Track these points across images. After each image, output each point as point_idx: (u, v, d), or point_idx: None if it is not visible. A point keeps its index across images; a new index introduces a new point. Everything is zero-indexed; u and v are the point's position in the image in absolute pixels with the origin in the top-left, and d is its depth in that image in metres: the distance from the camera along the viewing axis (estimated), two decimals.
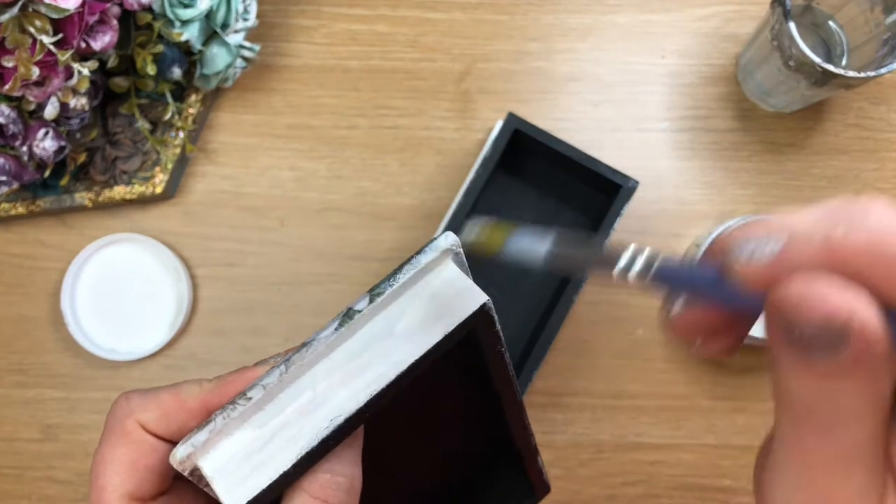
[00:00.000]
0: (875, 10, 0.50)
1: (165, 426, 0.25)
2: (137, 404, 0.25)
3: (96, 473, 0.24)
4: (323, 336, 0.23)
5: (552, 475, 0.54)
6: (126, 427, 0.25)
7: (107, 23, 0.48)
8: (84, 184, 0.56)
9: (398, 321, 0.24)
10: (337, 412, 0.22)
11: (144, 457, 0.24)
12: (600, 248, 0.20)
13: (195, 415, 0.25)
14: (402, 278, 0.24)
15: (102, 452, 0.25)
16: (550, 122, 0.57)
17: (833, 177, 0.57)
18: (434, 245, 0.24)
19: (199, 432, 0.22)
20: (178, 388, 0.25)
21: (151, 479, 0.25)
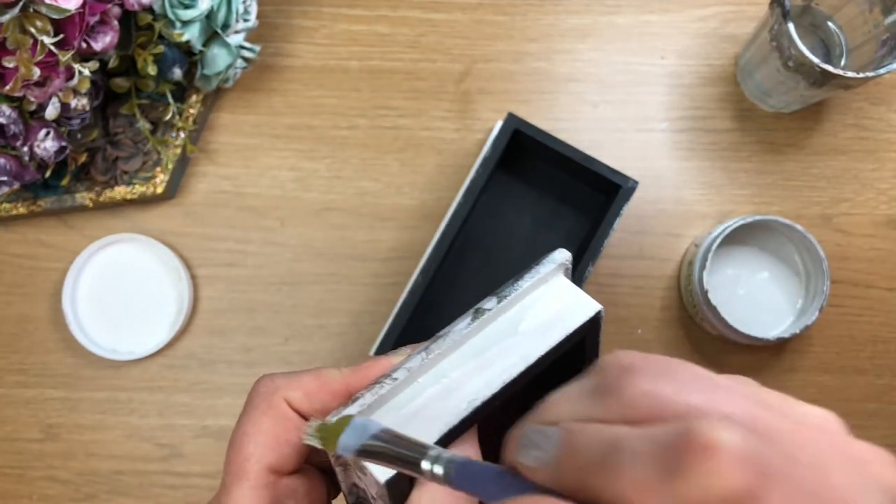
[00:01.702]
0: (874, 11, 0.50)
1: (308, 405, 0.26)
2: (283, 383, 0.26)
3: (239, 444, 0.25)
4: (457, 329, 0.26)
5: None
6: (273, 402, 0.26)
7: (107, 23, 0.48)
8: (85, 184, 0.56)
9: (521, 321, 0.27)
10: (473, 396, 0.25)
11: (287, 432, 0.26)
12: (408, 446, 0.21)
13: (336, 396, 0.26)
14: (525, 284, 0.27)
15: (246, 425, 0.26)
16: (550, 122, 0.57)
17: (832, 177, 0.57)
18: (551, 258, 0.28)
19: (348, 407, 0.24)
20: (318, 371, 0.27)
21: (291, 454, 0.26)
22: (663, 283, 0.56)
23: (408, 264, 0.56)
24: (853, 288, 0.56)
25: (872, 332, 0.55)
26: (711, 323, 0.51)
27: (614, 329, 0.55)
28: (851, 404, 0.55)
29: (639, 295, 0.56)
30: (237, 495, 0.25)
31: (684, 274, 0.54)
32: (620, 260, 0.56)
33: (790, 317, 0.54)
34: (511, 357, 0.26)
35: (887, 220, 0.56)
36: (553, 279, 0.28)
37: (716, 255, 0.52)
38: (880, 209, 0.56)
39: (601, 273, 0.56)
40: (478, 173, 0.50)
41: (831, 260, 0.53)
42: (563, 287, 0.28)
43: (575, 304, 0.27)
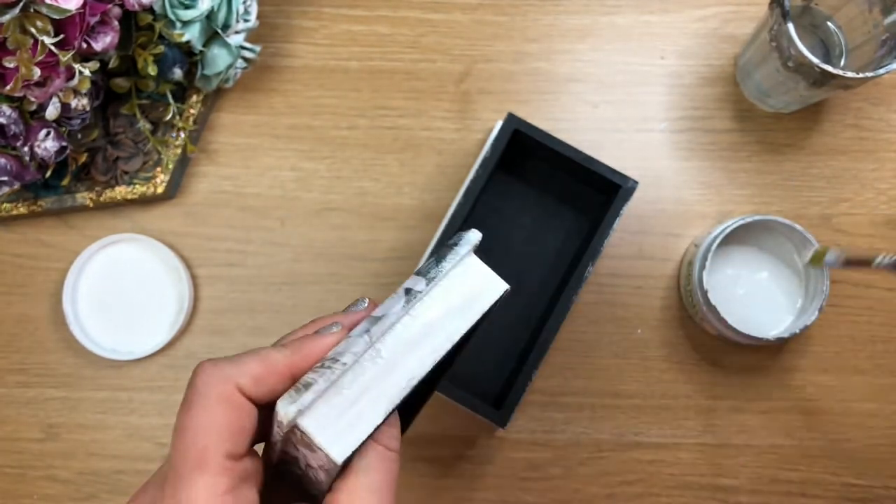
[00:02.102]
0: (874, 11, 0.50)
1: (258, 390, 0.27)
2: (232, 371, 0.27)
3: (194, 435, 0.26)
4: (393, 312, 0.28)
5: (552, 474, 0.55)
6: (223, 391, 0.26)
7: (108, 23, 0.48)
8: (85, 184, 0.56)
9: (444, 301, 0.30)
10: (411, 375, 0.28)
11: (241, 420, 0.26)
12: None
13: (282, 378, 0.27)
14: (447, 266, 0.30)
15: (199, 415, 0.26)
16: (550, 122, 0.57)
17: (832, 177, 0.57)
18: (467, 239, 0.31)
19: (304, 393, 0.26)
20: (262, 355, 0.28)
21: (245, 439, 0.27)
22: (663, 283, 0.56)
23: (408, 264, 0.56)
24: (853, 288, 0.56)
25: (872, 332, 0.55)
26: (711, 323, 0.51)
27: (614, 329, 0.55)
28: (851, 404, 0.55)
29: (639, 295, 0.56)
30: (199, 485, 0.25)
31: (684, 274, 0.54)
32: (620, 260, 0.56)
33: (790, 317, 0.54)
34: (438, 336, 0.29)
35: (887, 220, 0.56)
36: (468, 259, 0.31)
37: (716, 255, 0.52)
38: (880, 209, 0.56)
39: (601, 273, 0.56)
40: (478, 173, 0.50)
41: None
42: (477, 267, 0.31)
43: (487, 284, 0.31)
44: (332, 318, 0.31)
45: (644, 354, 0.55)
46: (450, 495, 0.55)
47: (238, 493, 0.26)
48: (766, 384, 0.55)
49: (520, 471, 0.55)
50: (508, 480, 0.55)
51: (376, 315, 0.28)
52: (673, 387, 0.55)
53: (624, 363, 0.55)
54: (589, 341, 0.56)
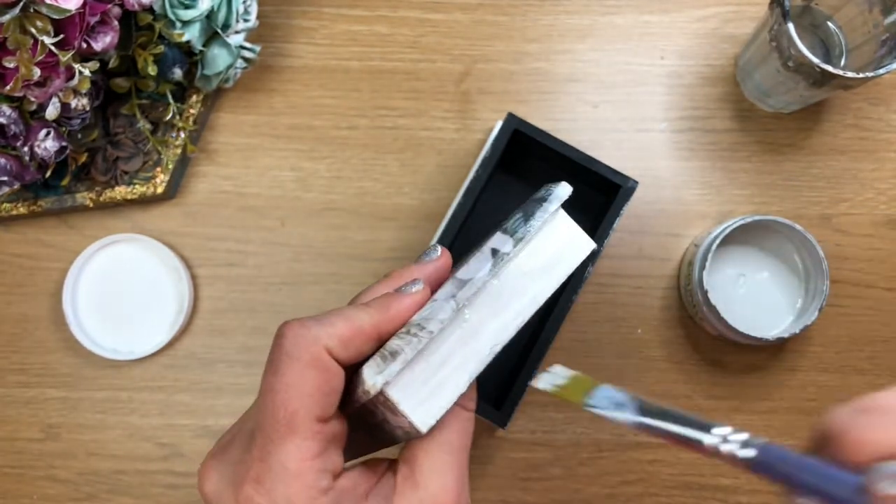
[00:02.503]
0: (874, 11, 0.50)
1: (346, 352, 0.27)
2: (321, 332, 0.26)
3: (285, 399, 0.25)
4: (480, 277, 0.27)
5: (552, 474, 0.54)
6: (314, 353, 0.26)
7: (108, 23, 0.48)
8: (85, 184, 0.56)
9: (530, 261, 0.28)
10: (494, 341, 0.27)
11: (329, 382, 0.26)
12: (687, 421, 0.22)
13: (368, 339, 0.27)
14: (536, 223, 0.28)
15: (289, 376, 0.26)
16: (550, 122, 0.57)
17: (832, 177, 0.57)
18: (556, 195, 0.29)
19: (391, 363, 0.25)
20: (349, 316, 0.27)
21: (334, 401, 0.27)
22: (663, 283, 0.56)
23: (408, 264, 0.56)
24: (853, 288, 0.56)
25: (872, 332, 0.55)
26: (711, 323, 0.51)
27: (614, 329, 0.55)
28: None
29: (639, 295, 0.56)
30: (290, 449, 0.25)
31: (684, 274, 0.54)
32: (620, 260, 0.56)
33: (790, 317, 0.54)
34: (523, 298, 0.28)
35: (887, 220, 0.56)
36: (557, 216, 0.29)
37: (716, 255, 0.52)
38: (880, 209, 0.56)
39: (601, 273, 0.56)
40: (478, 173, 0.50)
41: (831, 260, 0.53)
42: (565, 224, 0.30)
43: (575, 242, 0.29)
44: (409, 272, 0.30)
45: (644, 354, 0.55)
46: None
47: (326, 455, 0.26)
48: (766, 384, 0.55)
49: (520, 471, 0.55)
50: (508, 480, 0.55)
51: (461, 277, 0.28)
52: (673, 387, 0.55)
53: (624, 363, 0.55)
54: (589, 341, 0.55)
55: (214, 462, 0.27)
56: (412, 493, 0.27)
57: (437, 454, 0.27)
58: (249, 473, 0.25)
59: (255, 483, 0.25)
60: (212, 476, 0.27)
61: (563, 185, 0.29)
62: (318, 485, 0.25)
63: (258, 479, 0.25)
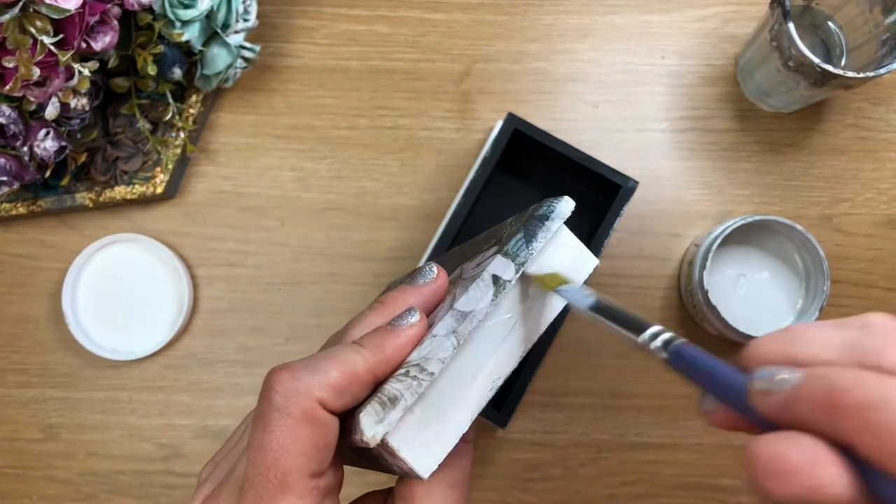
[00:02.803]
0: (874, 11, 0.50)
1: (340, 401, 0.25)
2: (312, 382, 0.25)
3: (276, 458, 0.24)
4: (481, 308, 0.25)
5: (552, 475, 0.54)
6: (306, 408, 0.24)
7: (107, 23, 0.48)
8: (85, 184, 0.56)
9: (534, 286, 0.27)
10: (496, 375, 0.26)
11: (324, 437, 0.25)
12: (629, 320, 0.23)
13: (364, 385, 0.25)
14: (538, 246, 0.26)
15: (278, 435, 0.24)
16: (550, 122, 0.57)
17: (832, 177, 0.57)
18: (559, 212, 0.27)
19: (391, 411, 0.24)
20: (342, 360, 0.25)
21: (327, 455, 0.25)
22: (663, 283, 0.56)
23: (408, 264, 0.56)
24: (853, 288, 0.56)
25: None
26: (711, 323, 0.51)
27: None
28: None
29: (639, 295, 0.56)
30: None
31: (684, 274, 0.54)
32: (620, 260, 0.56)
33: (790, 317, 0.54)
34: (526, 326, 0.26)
35: (887, 220, 0.56)
36: (559, 235, 0.28)
37: (716, 255, 0.52)
38: (880, 209, 0.56)
39: (601, 273, 0.56)
40: (478, 173, 0.50)
41: (831, 260, 0.53)
42: (569, 243, 0.28)
43: (577, 261, 0.28)
44: (403, 298, 0.28)
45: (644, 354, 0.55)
46: None
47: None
48: None
49: (520, 471, 0.55)
50: (509, 481, 0.55)
51: (461, 309, 0.26)
52: (673, 387, 0.55)
53: (624, 363, 0.55)
54: (589, 341, 0.55)
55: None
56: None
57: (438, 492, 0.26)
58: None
59: None
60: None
61: (566, 200, 0.28)
62: None
63: None
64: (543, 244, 0.27)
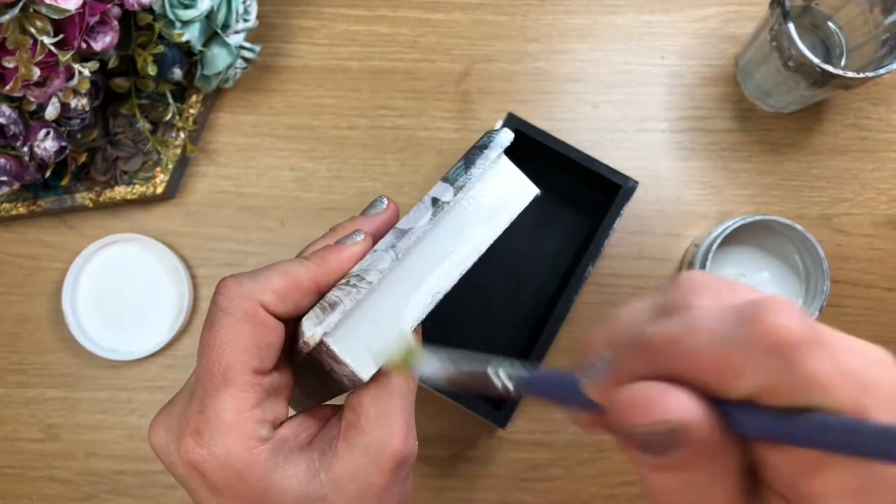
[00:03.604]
0: (874, 11, 0.50)
1: (283, 306, 0.27)
2: (255, 287, 0.26)
3: (219, 352, 0.26)
4: (420, 225, 0.27)
5: (552, 475, 0.54)
6: (248, 308, 0.26)
7: (107, 23, 0.48)
8: (85, 184, 0.56)
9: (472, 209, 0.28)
10: (436, 289, 0.27)
11: (266, 336, 0.26)
12: (471, 372, 0.24)
13: (306, 293, 0.27)
14: (476, 172, 0.28)
15: (223, 332, 0.26)
16: (550, 122, 0.57)
17: (832, 177, 0.57)
18: (498, 141, 0.29)
19: (330, 314, 0.25)
20: (285, 270, 0.27)
21: (272, 354, 0.27)
22: (663, 283, 0.56)
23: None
24: (853, 288, 0.56)
25: (872, 332, 0.55)
26: None
27: None
28: None
29: (639, 295, 0.56)
30: (226, 400, 0.25)
31: None
32: (620, 260, 0.56)
33: None
34: (465, 246, 0.28)
35: (887, 220, 0.56)
36: (499, 163, 0.29)
37: (716, 255, 0.52)
38: (880, 209, 0.56)
39: (601, 273, 0.56)
40: None
41: (831, 260, 0.53)
42: (507, 170, 0.29)
43: (517, 188, 0.29)
44: (353, 224, 0.30)
45: None
46: (450, 495, 0.55)
47: (266, 406, 0.26)
48: None
49: (520, 471, 0.55)
50: (509, 481, 0.55)
51: (401, 227, 0.28)
52: None
53: None
54: None
55: (161, 416, 0.28)
56: (357, 439, 0.27)
57: (383, 398, 0.27)
58: (189, 426, 0.26)
59: (195, 435, 0.26)
60: (159, 429, 0.28)
61: (505, 131, 0.29)
62: (257, 434, 0.26)
63: (197, 431, 0.26)
64: (482, 171, 0.28)
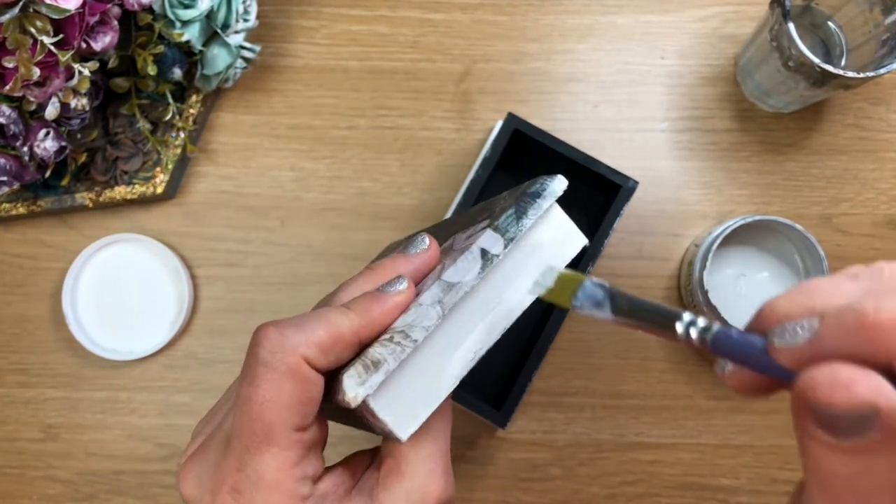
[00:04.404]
0: (874, 11, 0.50)
1: (324, 360, 0.26)
2: (298, 339, 0.26)
3: (261, 411, 0.25)
4: (468, 280, 0.26)
5: (552, 475, 0.54)
6: (291, 364, 0.25)
7: (107, 23, 0.48)
8: (85, 184, 0.56)
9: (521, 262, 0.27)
10: (479, 345, 0.26)
11: (309, 391, 0.25)
12: (660, 311, 0.23)
13: (348, 346, 0.26)
14: (529, 223, 0.27)
15: (264, 388, 0.25)
16: (550, 122, 0.57)
17: (832, 177, 0.57)
18: (551, 190, 0.28)
19: (374, 374, 0.25)
20: (328, 321, 0.26)
21: (312, 410, 0.26)
22: (663, 283, 0.56)
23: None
24: None
25: None
26: None
27: (614, 329, 0.55)
28: None
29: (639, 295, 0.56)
30: (268, 460, 0.25)
31: (684, 274, 0.54)
32: (620, 260, 0.56)
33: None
34: (510, 301, 0.27)
35: (887, 220, 0.56)
36: (550, 213, 0.28)
37: (716, 255, 0.52)
38: (880, 209, 0.56)
39: (601, 273, 0.56)
40: (478, 173, 0.50)
41: (831, 260, 0.53)
42: (559, 221, 0.28)
43: (567, 239, 0.28)
44: (393, 266, 0.29)
45: (644, 355, 0.55)
46: None
47: (306, 462, 0.26)
48: None
49: (520, 471, 0.55)
50: (509, 481, 0.55)
51: (448, 280, 0.26)
52: (673, 387, 0.55)
53: (624, 363, 0.55)
54: (589, 341, 0.55)
55: (193, 464, 0.27)
56: (397, 485, 0.27)
57: (423, 443, 0.27)
58: (227, 482, 0.25)
59: (233, 493, 0.25)
60: (190, 479, 0.27)
61: (559, 178, 0.28)
62: (298, 492, 0.25)
63: (237, 489, 0.25)
64: (534, 221, 0.27)
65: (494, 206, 0.31)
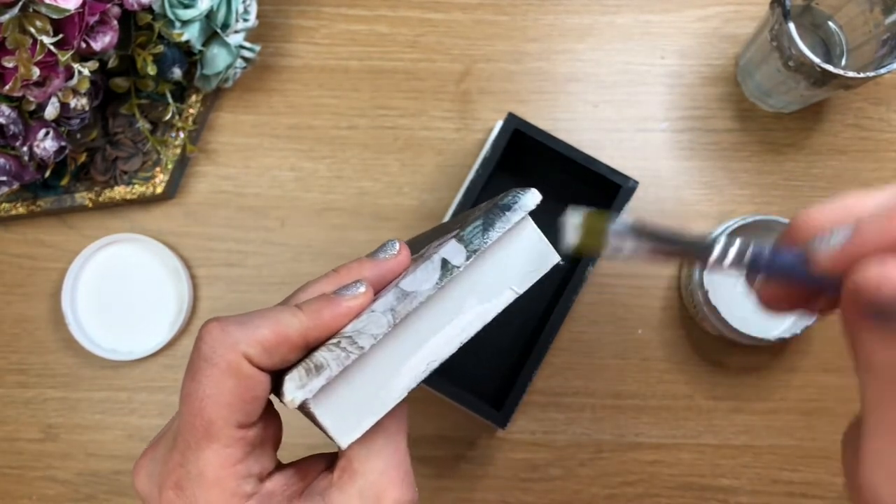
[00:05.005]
0: (874, 11, 0.50)
1: (268, 360, 0.25)
2: (240, 336, 0.25)
3: (201, 407, 0.24)
4: (424, 290, 0.25)
5: (552, 475, 0.54)
6: (231, 360, 0.25)
7: (107, 23, 0.48)
8: (84, 184, 0.56)
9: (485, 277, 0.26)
10: (433, 357, 0.25)
11: (251, 389, 0.25)
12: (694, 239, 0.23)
13: (294, 348, 0.25)
14: (495, 235, 0.26)
15: (205, 385, 0.25)
16: (550, 122, 0.57)
17: (832, 177, 0.57)
18: (522, 203, 0.26)
19: (315, 378, 0.24)
20: (276, 319, 0.25)
21: (256, 407, 0.25)
22: (663, 283, 0.56)
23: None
24: None
25: None
26: (711, 323, 0.51)
27: (614, 329, 0.55)
28: (851, 404, 0.55)
29: (639, 295, 0.56)
30: (209, 456, 0.25)
31: (685, 274, 0.54)
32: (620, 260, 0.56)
33: (790, 317, 0.54)
34: (469, 314, 0.26)
35: None
36: (521, 226, 0.27)
37: None
38: None
39: (601, 273, 0.56)
40: (478, 173, 0.50)
41: None
42: (529, 234, 0.27)
43: (538, 256, 0.27)
44: (358, 268, 0.28)
45: (644, 355, 0.55)
46: (450, 496, 0.55)
47: (251, 460, 0.26)
48: (767, 385, 0.55)
49: (520, 471, 0.55)
50: (509, 481, 0.54)
51: (404, 288, 0.25)
52: (673, 387, 0.55)
53: (624, 363, 0.55)
54: (589, 341, 0.55)
55: (144, 460, 0.27)
56: (350, 485, 0.26)
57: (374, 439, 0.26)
58: (171, 478, 0.25)
59: (176, 488, 0.25)
60: (142, 475, 0.27)
61: (532, 192, 0.27)
62: (241, 490, 0.25)
63: (179, 485, 0.25)
64: (500, 234, 0.26)
65: (469, 215, 0.30)
